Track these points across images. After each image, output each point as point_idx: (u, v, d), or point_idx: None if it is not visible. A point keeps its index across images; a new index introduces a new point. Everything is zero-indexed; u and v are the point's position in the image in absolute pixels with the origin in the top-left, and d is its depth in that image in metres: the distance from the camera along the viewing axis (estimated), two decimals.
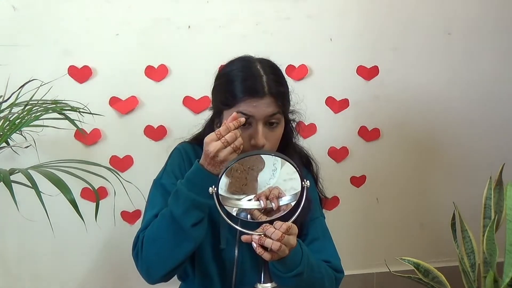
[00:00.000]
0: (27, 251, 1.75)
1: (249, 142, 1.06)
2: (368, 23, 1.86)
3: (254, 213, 0.99)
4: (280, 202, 0.98)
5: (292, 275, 1.00)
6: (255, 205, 0.99)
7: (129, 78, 1.69)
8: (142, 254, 1.06)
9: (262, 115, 1.05)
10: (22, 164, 1.22)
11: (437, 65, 1.95)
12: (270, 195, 0.98)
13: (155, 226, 1.05)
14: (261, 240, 0.93)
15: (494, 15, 1.96)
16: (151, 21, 1.69)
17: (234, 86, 1.07)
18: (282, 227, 0.93)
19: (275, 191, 0.99)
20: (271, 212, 0.99)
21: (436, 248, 2.04)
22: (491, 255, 1.39)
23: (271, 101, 1.05)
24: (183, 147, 1.22)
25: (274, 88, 1.05)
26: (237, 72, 1.09)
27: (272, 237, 0.93)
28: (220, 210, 0.96)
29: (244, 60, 1.12)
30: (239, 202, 0.99)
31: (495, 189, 1.47)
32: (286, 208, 0.99)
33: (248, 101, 1.04)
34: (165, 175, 1.16)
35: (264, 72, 1.07)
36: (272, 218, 0.97)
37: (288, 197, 0.99)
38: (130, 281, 1.79)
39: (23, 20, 1.60)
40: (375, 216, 2.02)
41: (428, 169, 2.03)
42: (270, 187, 1.00)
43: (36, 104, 1.27)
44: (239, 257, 1.14)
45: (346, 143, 1.92)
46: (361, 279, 2.02)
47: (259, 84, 1.05)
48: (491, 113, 2.03)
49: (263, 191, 0.99)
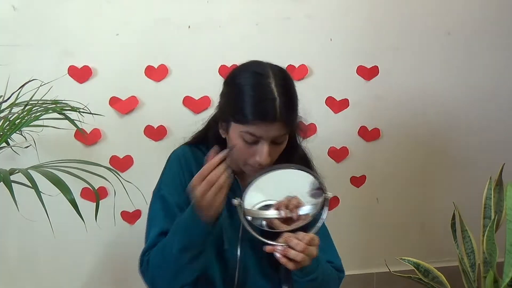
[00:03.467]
0: (27, 251, 1.75)
1: (253, 157, 1.05)
2: (368, 23, 1.86)
3: (274, 222, 1.00)
4: (300, 212, 1.00)
5: (308, 279, 1.03)
6: (275, 215, 1.00)
7: (129, 78, 1.69)
8: (148, 274, 1.08)
9: (271, 137, 1.03)
10: (22, 164, 1.22)
11: (437, 65, 1.95)
12: (290, 205, 1.00)
13: (159, 254, 1.06)
14: (285, 251, 0.96)
15: (494, 15, 1.96)
16: (151, 21, 1.69)
17: (245, 105, 1.02)
18: (305, 238, 0.96)
19: (295, 200, 1.00)
20: (289, 221, 1.00)
21: (436, 248, 2.04)
22: (491, 255, 1.39)
23: (282, 125, 1.02)
24: (182, 153, 1.18)
25: (285, 113, 1.01)
26: (249, 90, 1.03)
27: (296, 249, 0.95)
28: (245, 223, 0.98)
29: (258, 74, 1.05)
30: (260, 212, 1.00)
31: (495, 189, 1.47)
32: (305, 218, 1.00)
33: (258, 125, 1.01)
34: (164, 186, 1.15)
35: (278, 94, 1.01)
36: (293, 228, 0.99)
37: (307, 206, 1.00)
38: (130, 281, 1.79)
39: (23, 20, 1.60)
40: (375, 216, 2.02)
41: (428, 169, 2.03)
42: (289, 197, 1.00)
43: (36, 104, 1.27)
44: (242, 256, 1.14)
45: (346, 143, 1.92)
46: (361, 279, 2.02)
47: (271, 110, 1.00)
48: (491, 113, 2.03)
49: (283, 201, 1.00)
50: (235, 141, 1.05)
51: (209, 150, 1.17)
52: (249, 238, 1.07)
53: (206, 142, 1.18)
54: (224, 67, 1.74)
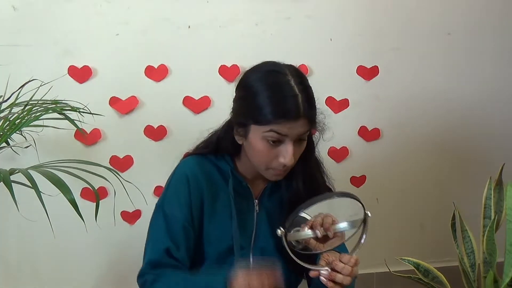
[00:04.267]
0: (27, 251, 1.75)
1: (276, 160, 1.02)
2: (368, 23, 1.86)
3: (311, 243, 1.00)
4: (336, 229, 0.99)
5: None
6: (310, 235, 0.98)
7: (129, 78, 1.69)
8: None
9: (296, 135, 1.01)
10: (22, 164, 1.22)
11: (437, 65, 1.95)
12: (324, 224, 0.98)
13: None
14: (332, 276, 0.95)
15: (494, 15, 1.97)
16: (151, 21, 1.69)
17: (265, 105, 0.99)
18: (351, 261, 0.95)
19: (328, 219, 0.99)
20: (323, 239, 1.00)
21: (436, 248, 2.04)
22: (491, 255, 1.38)
23: (305, 122, 1.00)
24: (190, 170, 1.11)
25: (308, 109, 1.00)
26: (268, 90, 1.00)
27: (342, 273, 0.95)
28: (291, 254, 0.96)
29: (274, 72, 1.03)
30: (296, 234, 0.99)
31: (495, 189, 1.47)
32: (341, 236, 1.00)
33: (282, 123, 0.98)
34: (168, 203, 1.10)
35: (299, 90, 0.99)
36: (329, 248, 0.99)
37: (343, 223, 1.00)
38: (130, 281, 1.78)
39: (23, 20, 1.60)
40: (375, 216, 2.01)
41: (428, 169, 2.03)
42: (322, 215, 0.99)
43: (36, 104, 1.27)
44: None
45: (346, 143, 1.92)
46: (361, 279, 2.01)
47: (295, 107, 0.98)
48: (491, 113, 2.03)
49: (317, 220, 0.99)
50: (256, 144, 1.02)
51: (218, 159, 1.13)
52: (261, 247, 1.07)
53: (216, 152, 1.14)
54: (224, 67, 1.74)
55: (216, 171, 1.13)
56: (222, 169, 1.12)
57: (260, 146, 1.01)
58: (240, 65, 1.72)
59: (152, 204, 1.62)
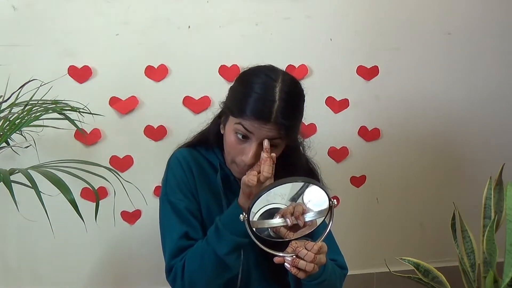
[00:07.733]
0: (27, 251, 1.75)
1: (240, 156, 1.07)
2: (368, 23, 1.86)
3: (281, 231, 1.01)
4: (306, 218, 1.00)
5: (316, 282, 1.04)
6: (281, 223, 1.00)
7: (129, 78, 1.69)
8: (184, 280, 1.09)
9: (261, 137, 1.04)
10: (22, 164, 1.22)
11: (437, 65, 1.95)
12: (295, 212, 1.00)
13: (197, 261, 1.07)
14: (295, 262, 0.97)
15: (494, 15, 1.96)
16: (151, 21, 1.69)
17: (246, 100, 1.04)
18: (314, 248, 0.96)
19: (299, 208, 1.00)
20: (294, 228, 1.01)
21: (436, 248, 2.04)
22: (491, 255, 1.39)
23: (274, 128, 1.03)
24: (182, 156, 1.18)
25: (280, 118, 1.03)
26: (256, 88, 1.05)
27: (305, 259, 0.96)
28: (253, 238, 0.98)
29: (268, 77, 1.07)
30: (266, 221, 1.00)
31: (495, 189, 1.47)
32: (311, 224, 1.01)
33: (251, 121, 1.03)
34: (170, 191, 1.15)
35: (278, 98, 1.03)
36: (300, 236, 1.00)
37: (312, 213, 1.01)
38: (130, 281, 1.79)
39: (23, 20, 1.60)
40: (375, 216, 2.02)
41: (428, 169, 2.03)
42: (293, 204, 1.00)
43: (36, 104, 1.27)
44: (244, 260, 1.13)
45: (346, 143, 1.92)
46: (361, 279, 2.02)
47: (268, 110, 1.02)
48: (491, 113, 2.03)
49: (288, 208, 1.00)
50: (228, 135, 1.07)
51: (208, 152, 1.18)
52: (251, 242, 1.08)
53: (206, 144, 1.19)
54: (224, 67, 1.74)
55: (206, 163, 1.18)
56: (211, 162, 1.18)
57: (230, 137, 1.07)
58: (240, 65, 1.72)
59: (152, 204, 1.63)
